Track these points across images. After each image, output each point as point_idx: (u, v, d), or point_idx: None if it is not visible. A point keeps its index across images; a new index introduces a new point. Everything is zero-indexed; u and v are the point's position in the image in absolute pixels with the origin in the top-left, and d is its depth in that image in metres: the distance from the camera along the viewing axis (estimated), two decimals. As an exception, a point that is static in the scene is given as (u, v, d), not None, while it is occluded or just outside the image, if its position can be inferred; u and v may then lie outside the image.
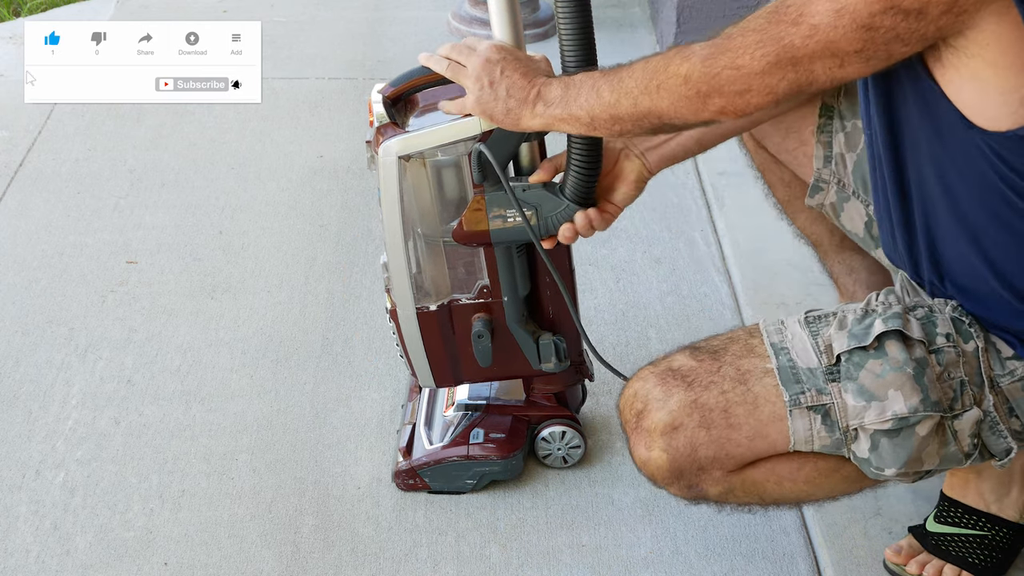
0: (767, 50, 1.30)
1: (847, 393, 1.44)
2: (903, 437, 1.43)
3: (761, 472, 1.52)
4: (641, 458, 1.53)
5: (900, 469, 1.44)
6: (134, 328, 2.30)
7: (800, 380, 1.46)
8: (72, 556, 1.83)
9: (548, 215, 1.65)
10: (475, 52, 1.57)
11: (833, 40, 1.27)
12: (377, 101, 1.71)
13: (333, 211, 2.66)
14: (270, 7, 3.68)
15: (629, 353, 2.20)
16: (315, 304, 2.37)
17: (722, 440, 1.48)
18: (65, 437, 2.05)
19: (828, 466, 1.51)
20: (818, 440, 1.47)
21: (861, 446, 1.45)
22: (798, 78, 1.31)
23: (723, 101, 1.35)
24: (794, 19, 1.28)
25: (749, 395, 1.47)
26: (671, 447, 1.49)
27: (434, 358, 1.84)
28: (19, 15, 3.85)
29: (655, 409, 1.49)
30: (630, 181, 1.67)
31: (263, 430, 2.07)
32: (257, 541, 1.86)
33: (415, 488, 1.92)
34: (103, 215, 2.64)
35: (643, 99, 1.40)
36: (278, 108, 3.08)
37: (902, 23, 1.25)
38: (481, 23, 3.42)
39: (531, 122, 1.52)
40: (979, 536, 1.72)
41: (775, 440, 1.48)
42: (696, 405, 1.47)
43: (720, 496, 1.55)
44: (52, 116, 3.02)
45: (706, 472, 1.51)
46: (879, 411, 1.42)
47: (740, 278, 2.39)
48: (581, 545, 1.85)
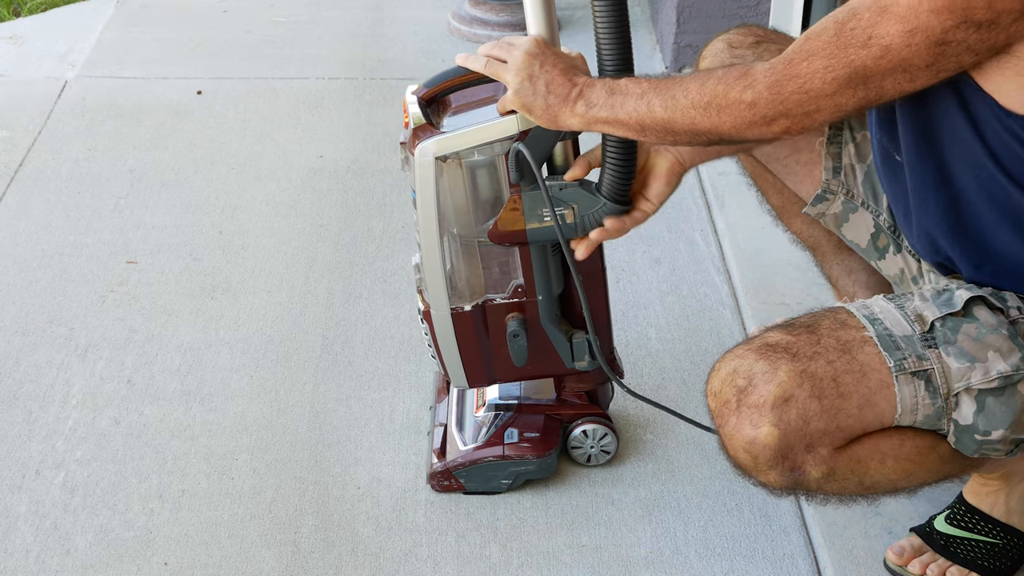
0: (838, 74, 1.32)
1: (948, 356, 1.43)
2: (1008, 395, 1.42)
3: (865, 449, 1.47)
4: (747, 437, 1.43)
5: (1007, 430, 1.43)
6: (134, 328, 2.30)
7: (900, 347, 1.44)
8: (72, 556, 1.83)
9: (585, 213, 1.66)
10: (515, 47, 1.58)
11: (906, 58, 1.29)
12: (412, 102, 1.70)
13: (333, 211, 2.66)
14: (270, 7, 3.68)
15: (629, 353, 2.20)
16: (315, 304, 2.37)
17: (833, 410, 1.42)
18: (65, 437, 2.05)
19: (926, 443, 1.49)
20: (922, 409, 1.44)
21: (964, 412, 1.44)
22: (868, 94, 1.34)
23: (789, 122, 1.38)
24: (863, 42, 1.30)
25: (855, 363, 1.43)
26: (782, 421, 1.42)
27: (468, 358, 1.84)
28: (19, 15, 3.85)
29: (763, 383, 1.42)
30: (662, 176, 1.67)
31: (263, 430, 2.07)
32: (257, 541, 1.86)
33: (450, 489, 1.92)
34: (103, 215, 2.64)
35: (702, 120, 1.42)
36: (278, 108, 3.08)
37: (974, 35, 1.26)
38: (481, 23, 3.42)
39: (570, 121, 1.53)
40: (991, 544, 1.72)
41: (883, 410, 1.44)
42: (806, 375, 1.42)
43: (820, 480, 1.48)
44: (52, 116, 3.02)
45: (813, 450, 1.44)
46: (984, 371, 1.42)
47: (740, 278, 2.39)
48: (581, 545, 1.85)
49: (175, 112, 3.05)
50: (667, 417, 2.00)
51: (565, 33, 3.42)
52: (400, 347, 2.25)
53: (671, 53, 3.16)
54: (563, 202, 1.66)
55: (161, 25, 3.55)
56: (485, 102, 1.69)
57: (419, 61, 3.34)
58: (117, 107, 3.07)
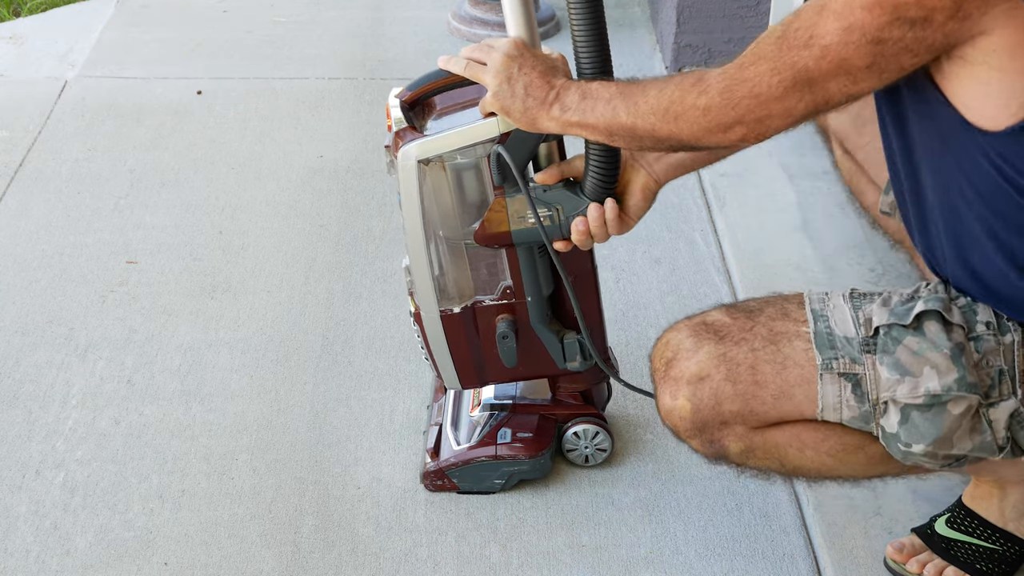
0: (783, 76, 1.33)
1: (882, 365, 1.44)
2: (935, 413, 1.43)
3: (784, 435, 1.53)
4: (666, 406, 1.55)
5: (928, 446, 1.44)
6: (134, 328, 2.30)
7: (835, 346, 1.47)
8: (72, 556, 1.83)
9: (570, 214, 1.66)
10: (494, 49, 1.59)
11: (845, 58, 1.29)
12: (395, 105, 1.71)
13: (333, 211, 2.66)
14: (270, 7, 3.68)
15: (629, 353, 2.20)
16: (315, 304, 2.37)
17: (747, 396, 1.49)
18: (65, 437, 2.05)
19: (853, 442, 1.52)
20: (847, 410, 1.47)
21: (890, 420, 1.45)
22: (815, 98, 1.34)
23: (744, 129, 1.38)
24: (804, 42, 1.30)
25: (778, 355, 1.49)
26: (696, 397, 1.51)
27: (459, 360, 1.84)
28: (19, 15, 3.86)
29: (684, 359, 1.52)
30: (636, 192, 1.68)
31: (263, 430, 2.07)
32: (257, 541, 1.86)
33: (443, 489, 1.92)
34: (103, 215, 2.64)
35: (662, 127, 1.43)
36: (278, 108, 3.08)
37: (909, 33, 1.26)
38: (481, 23, 3.42)
39: (547, 124, 1.54)
40: (989, 549, 1.72)
41: (800, 402, 1.48)
42: (725, 359, 1.49)
43: (740, 455, 1.56)
44: (52, 116, 3.02)
45: (728, 427, 1.52)
46: (912, 386, 1.43)
47: (740, 278, 2.40)
48: (581, 545, 1.85)
49: (175, 112, 3.05)
50: (667, 417, 2.00)
51: (561, 34, 3.42)
52: (400, 347, 2.25)
53: (671, 53, 3.16)
54: (548, 203, 1.66)
55: (161, 25, 3.55)
56: (470, 104, 1.68)
57: (419, 61, 3.34)
58: (117, 107, 3.07)
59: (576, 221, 1.65)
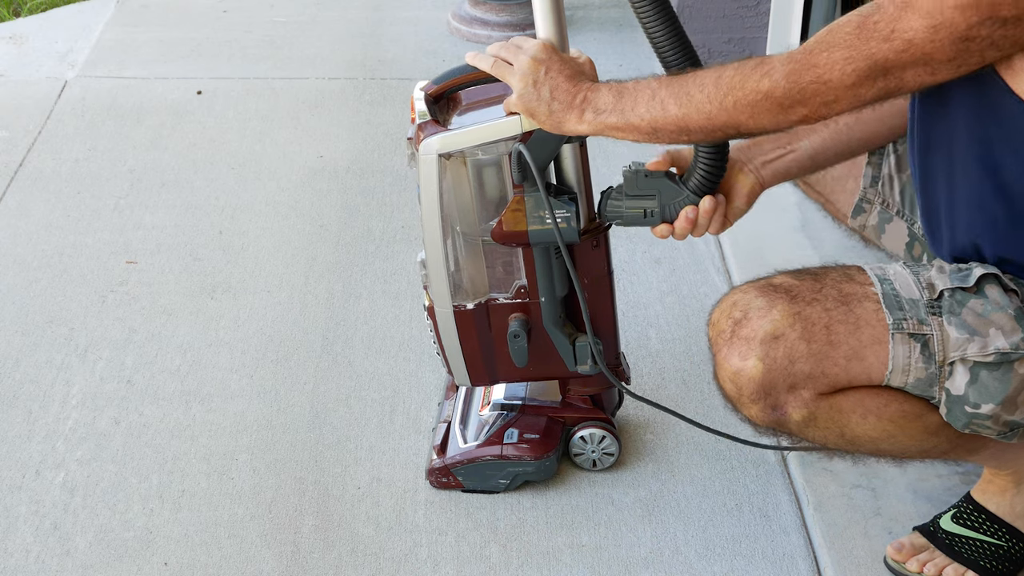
0: (858, 65, 1.33)
1: (950, 326, 1.44)
2: (1003, 372, 1.43)
3: (849, 401, 1.50)
4: (734, 368, 1.49)
5: (996, 406, 1.44)
6: (134, 328, 2.30)
7: (903, 307, 1.47)
8: (72, 556, 1.83)
9: (669, 202, 1.65)
10: (522, 50, 1.59)
11: (928, 53, 1.30)
12: (419, 98, 1.71)
13: (333, 211, 2.66)
14: (270, 7, 3.68)
15: (629, 353, 2.20)
16: (315, 304, 2.37)
17: (820, 356, 1.47)
18: (65, 437, 2.05)
19: (914, 410, 1.51)
20: (914, 372, 1.47)
21: (957, 381, 1.45)
22: (887, 85, 1.34)
23: (807, 110, 1.38)
24: (886, 36, 1.31)
25: (851, 315, 1.47)
26: (769, 356, 1.47)
27: (470, 357, 1.84)
28: (19, 15, 3.86)
29: (757, 317, 1.48)
30: (742, 195, 1.67)
31: (263, 430, 2.07)
32: (257, 541, 1.86)
33: (448, 486, 1.93)
34: (103, 215, 2.64)
35: (719, 114, 1.43)
36: (278, 108, 3.09)
37: (999, 31, 1.27)
38: (481, 23, 3.42)
39: (577, 127, 1.54)
40: (995, 544, 1.72)
41: (871, 364, 1.47)
42: (800, 317, 1.47)
43: (800, 424, 1.52)
44: (52, 116, 3.02)
45: (796, 392, 1.49)
46: (981, 345, 1.43)
47: (740, 278, 2.39)
48: (581, 545, 1.85)
49: (175, 112, 3.05)
50: (667, 417, 2.00)
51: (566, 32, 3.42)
52: (400, 347, 2.25)
53: (671, 53, 3.16)
54: (646, 190, 1.65)
55: (161, 25, 3.55)
56: (495, 101, 1.69)
57: (419, 61, 3.34)
58: (117, 107, 3.07)
59: (687, 209, 1.63)
